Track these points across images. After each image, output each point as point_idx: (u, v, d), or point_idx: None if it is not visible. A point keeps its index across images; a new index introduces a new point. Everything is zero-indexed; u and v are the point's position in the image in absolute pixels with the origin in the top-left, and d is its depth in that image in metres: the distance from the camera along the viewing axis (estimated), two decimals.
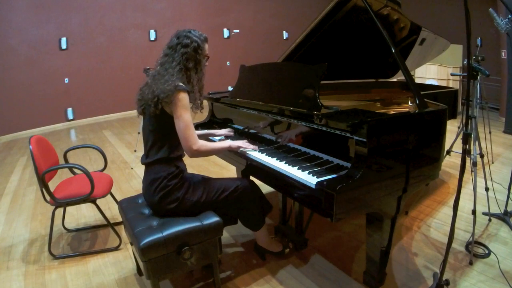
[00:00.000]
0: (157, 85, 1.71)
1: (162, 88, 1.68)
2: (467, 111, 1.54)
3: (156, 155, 1.77)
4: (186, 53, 1.76)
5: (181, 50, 1.76)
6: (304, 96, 1.86)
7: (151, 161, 1.78)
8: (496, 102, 5.49)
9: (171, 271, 1.70)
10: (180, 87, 1.68)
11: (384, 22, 2.16)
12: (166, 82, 1.69)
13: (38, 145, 2.23)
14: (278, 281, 1.98)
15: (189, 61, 1.77)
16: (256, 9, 8.24)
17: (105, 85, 6.65)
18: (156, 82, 1.74)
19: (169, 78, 1.71)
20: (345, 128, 1.54)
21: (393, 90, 3.10)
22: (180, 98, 1.67)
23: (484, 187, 2.47)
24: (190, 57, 1.77)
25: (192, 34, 1.79)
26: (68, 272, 2.14)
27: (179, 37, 1.79)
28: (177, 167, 1.80)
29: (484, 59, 2.59)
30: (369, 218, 1.76)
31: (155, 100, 1.69)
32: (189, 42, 1.76)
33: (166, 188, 1.74)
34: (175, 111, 1.68)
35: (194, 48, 1.77)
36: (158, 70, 1.79)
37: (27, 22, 5.72)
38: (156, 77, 1.76)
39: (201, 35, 1.82)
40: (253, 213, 1.96)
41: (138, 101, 1.83)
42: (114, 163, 4.19)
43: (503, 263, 2.01)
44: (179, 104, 1.67)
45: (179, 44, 1.77)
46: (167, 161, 1.77)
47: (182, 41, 1.76)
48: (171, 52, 1.79)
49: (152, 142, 1.79)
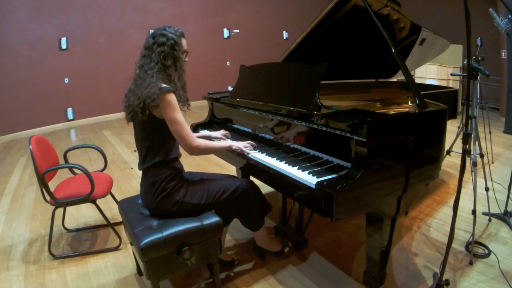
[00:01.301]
0: (141, 90, 1.66)
1: (146, 92, 1.63)
2: (467, 111, 1.54)
3: (153, 160, 1.75)
4: (163, 52, 1.72)
5: (158, 49, 1.71)
6: (304, 96, 1.86)
7: (148, 166, 1.76)
8: (496, 102, 5.49)
9: (171, 271, 1.70)
10: (164, 89, 1.64)
11: (384, 22, 2.16)
12: (149, 85, 1.64)
13: (38, 145, 2.23)
14: (278, 281, 1.97)
15: (167, 59, 1.73)
16: (256, 9, 8.24)
17: (105, 85, 6.65)
18: (138, 86, 1.69)
19: (150, 81, 1.66)
20: (345, 128, 1.54)
21: (393, 90, 3.10)
22: (167, 101, 1.64)
23: (484, 187, 2.47)
24: (167, 55, 1.73)
25: (168, 32, 1.74)
26: (68, 272, 2.14)
27: (155, 36, 1.74)
28: (175, 168, 1.79)
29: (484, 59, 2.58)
30: (369, 218, 1.76)
31: (141, 105, 1.64)
32: (165, 40, 1.72)
33: (165, 191, 1.73)
34: (165, 114, 1.65)
35: (171, 45, 1.73)
36: (138, 73, 1.75)
37: (27, 22, 5.72)
38: (138, 81, 1.72)
39: (177, 31, 1.78)
40: (253, 213, 1.96)
41: (126, 108, 1.77)
42: (114, 163, 4.19)
43: (503, 263, 2.01)
44: (168, 107, 1.64)
45: (155, 44, 1.72)
46: (164, 164, 1.76)
47: (158, 40, 1.72)
48: (148, 52, 1.75)
49: (146, 148, 1.76)
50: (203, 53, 7.42)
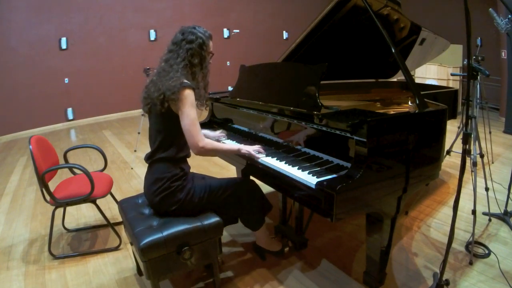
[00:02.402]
0: (162, 82, 1.69)
1: (167, 85, 1.66)
2: (467, 111, 1.54)
3: (163, 154, 1.75)
4: (191, 49, 1.74)
5: (186, 46, 1.74)
6: (304, 96, 1.86)
7: (156, 159, 1.77)
8: (496, 102, 5.49)
9: (171, 271, 1.70)
10: (185, 84, 1.66)
11: (384, 22, 2.16)
12: (171, 79, 1.68)
13: (38, 145, 2.23)
14: (278, 281, 1.97)
15: (194, 57, 1.76)
16: (256, 9, 8.24)
17: (105, 85, 6.65)
18: (161, 78, 1.72)
19: (173, 75, 1.69)
20: (345, 128, 1.54)
21: (393, 90, 3.10)
22: (185, 95, 1.65)
23: (484, 187, 2.47)
24: (195, 53, 1.75)
25: (197, 31, 1.78)
26: (68, 272, 2.14)
27: (184, 33, 1.77)
28: (182, 169, 1.79)
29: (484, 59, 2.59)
30: (369, 218, 1.76)
31: (161, 97, 1.67)
32: (194, 38, 1.75)
33: (169, 189, 1.73)
34: (180, 108, 1.67)
35: (199, 44, 1.76)
36: (163, 67, 1.77)
37: (27, 22, 5.72)
38: (161, 74, 1.75)
39: (205, 31, 1.81)
40: (253, 213, 1.96)
41: (144, 99, 1.81)
42: (114, 163, 4.19)
43: (503, 263, 2.01)
44: (185, 101, 1.66)
45: (183, 40, 1.75)
46: (173, 162, 1.76)
47: (187, 37, 1.75)
48: (175, 48, 1.77)
49: (159, 142, 1.77)
50: None
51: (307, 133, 1.82)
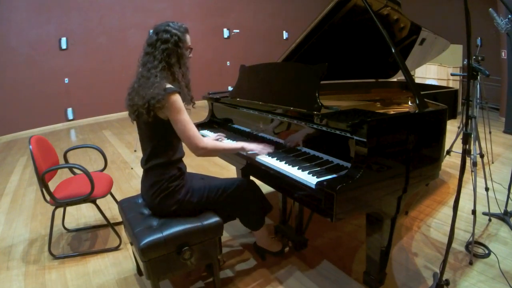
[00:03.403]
0: (145, 90, 1.62)
1: (151, 93, 1.59)
2: (467, 111, 1.54)
3: (157, 160, 1.73)
4: (167, 49, 1.66)
5: (161, 46, 1.66)
6: (304, 96, 1.86)
7: (152, 166, 1.74)
8: (496, 102, 5.49)
9: (171, 271, 1.70)
10: (169, 90, 1.60)
11: (384, 22, 2.16)
12: (153, 85, 1.60)
13: (38, 145, 2.23)
14: (278, 281, 1.97)
15: (171, 57, 1.67)
16: (256, 9, 8.24)
17: (105, 85, 6.65)
18: (142, 86, 1.64)
19: (154, 80, 1.62)
20: (345, 128, 1.54)
21: (393, 90, 3.10)
22: (172, 102, 1.60)
23: (484, 187, 2.47)
24: (171, 53, 1.67)
25: (171, 27, 1.68)
26: (68, 272, 2.14)
27: (158, 32, 1.68)
28: (179, 169, 1.78)
29: (484, 59, 2.59)
30: (369, 218, 1.76)
31: (146, 106, 1.60)
32: (168, 36, 1.66)
33: (167, 190, 1.73)
34: (170, 116, 1.63)
35: (175, 42, 1.67)
36: (141, 72, 1.69)
37: (27, 22, 5.72)
38: (141, 80, 1.67)
39: (180, 26, 1.71)
40: (254, 213, 1.96)
41: (130, 107, 1.72)
42: (114, 163, 4.19)
43: (503, 263, 2.01)
44: (173, 108, 1.61)
45: (158, 41, 1.67)
46: (168, 165, 1.74)
47: (161, 37, 1.66)
48: (151, 50, 1.69)
49: (151, 148, 1.74)
50: (203, 53, 7.41)
51: (307, 133, 1.82)
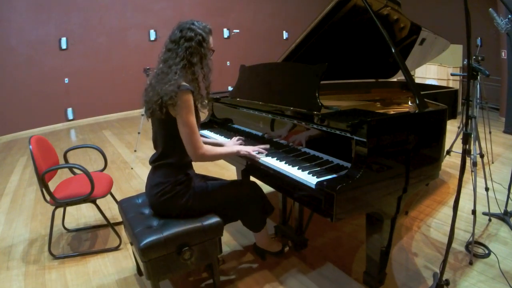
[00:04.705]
0: (160, 86, 1.61)
1: (165, 89, 1.57)
2: (467, 111, 1.54)
3: (168, 159, 1.72)
4: (190, 47, 1.63)
5: (185, 44, 1.63)
6: (304, 96, 1.86)
7: (162, 164, 1.73)
8: (496, 102, 5.49)
9: (171, 271, 1.70)
10: (183, 87, 1.58)
11: (384, 22, 2.16)
12: (169, 82, 1.59)
13: (38, 145, 2.23)
14: (278, 281, 1.97)
15: (193, 56, 1.65)
16: (256, 9, 8.24)
17: (105, 85, 6.65)
18: (159, 82, 1.63)
19: (172, 77, 1.60)
20: (345, 128, 1.54)
21: (393, 90, 3.10)
22: (183, 100, 1.58)
23: (484, 187, 2.47)
24: (194, 51, 1.64)
25: (196, 26, 1.66)
26: (68, 272, 2.14)
27: (182, 29, 1.66)
28: (187, 174, 1.77)
29: (484, 59, 2.59)
30: (369, 218, 1.76)
31: (159, 102, 1.59)
32: (193, 35, 1.63)
33: (170, 193, 1.71)
34: (178, 113, 1.61)
35: (199, 41, 1.65)
36: (161, 68, 1.67)
37: (27, 22, 5.72)
38: (160, 76, 1.65)
39: (205, 27, 1.70)
40: (255, 214, 1.95)
41: (145, 103, 1.70)
42: (114, 163, 4.19)
43: (503, 263, 2.01)
44: (183, 106, 1.59)
45: (182, 38, 1.64)
46: (177, 167, 1.73)
47: (186, 34, 1.64)
48: (174, 46, 1.66)
49: (163, 146, 1.73)
50: None
51: (307, 133, 1.82)
